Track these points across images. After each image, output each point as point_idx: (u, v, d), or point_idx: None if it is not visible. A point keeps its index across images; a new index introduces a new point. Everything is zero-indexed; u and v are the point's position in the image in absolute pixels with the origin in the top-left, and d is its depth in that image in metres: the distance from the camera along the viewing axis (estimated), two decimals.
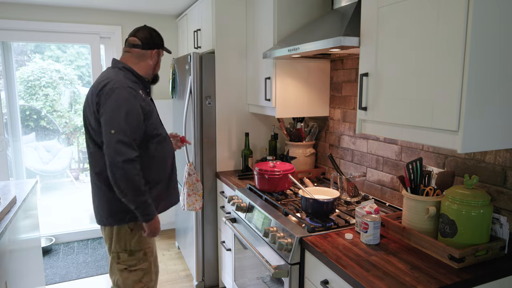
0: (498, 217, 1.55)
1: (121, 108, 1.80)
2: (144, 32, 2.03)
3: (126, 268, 2.02)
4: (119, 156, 1.76)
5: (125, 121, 1.79)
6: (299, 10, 2.49)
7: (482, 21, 1.20)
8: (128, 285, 2.02)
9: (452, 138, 1.29)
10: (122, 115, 1.79)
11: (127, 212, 1.94)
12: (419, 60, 1.39)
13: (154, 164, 1.99)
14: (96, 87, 1.87)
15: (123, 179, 1.77)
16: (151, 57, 2.05)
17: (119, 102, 1.81)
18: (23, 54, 5.52)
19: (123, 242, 1.99)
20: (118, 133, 1.77)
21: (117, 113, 1.79)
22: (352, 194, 2.23)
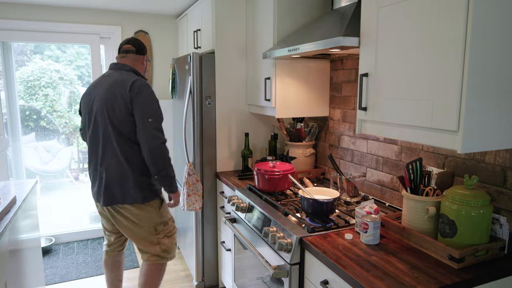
0: (498, 217, 1.56)
1: (153, 101, 2.27)
2: (136, 40, 2.46)
3: (165, 236, 2.50)
4: (158, 139, 2.24)
5: (158, 112, 2.27)
6: (299, 10, 2.49)
7: (482, 21, 1.20)
8: (171, 247, 2.54)
9: (452, 138, 1.29)
10: (155, 107, 2.26)
11: (154, 191, 2.40)
12: (419, 60, 1.40)
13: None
14: (122, 84, 2.24)
15: (161, 158, 2.25)
16: (142, 61, 2.47)
17: (152, 97, 2.27)
18: (23, 54, 5.52)
19: (156, 217, 2.43)
20: (154, 122, 2.23)
21: (151, 105, 2.25)
22: (352, 194, 2.23)
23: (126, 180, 2.30)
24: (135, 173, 2.31)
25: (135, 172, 2.31)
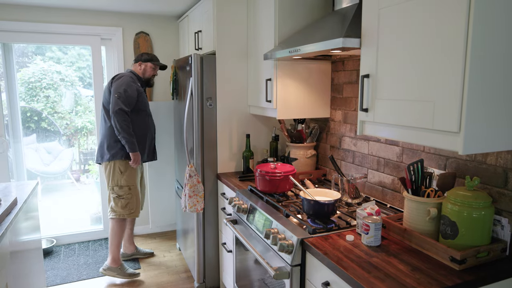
0: (500, 219, 1.55)
1: (123, 86, 3.14)
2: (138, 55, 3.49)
3: (117, 196, 3.29)
4: (117, 106, 3.07)
5: (124, 93, 3.12)
6: (300, 11, 2.49)
7: (484, 22, 1.20)
8: (118, 207, 3.30)
9: (453, 139, 1.29)
10: (123, 89, 3.13)
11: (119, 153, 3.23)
12: (420, 61, 1.39)
13: (138, 127, 3.26)
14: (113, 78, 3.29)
15: (119, 121, 3.07)
16: (138, 65, 3.42)
17: (124, 83, 3.16)
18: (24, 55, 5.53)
19: (116, 178, 3.27)
20: (119, 97, 3.10)
21: (120, 87, 3.13)
22: (353, 196, 2.22)
23: (106, 143, 3.25)
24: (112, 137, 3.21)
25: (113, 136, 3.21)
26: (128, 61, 4.04)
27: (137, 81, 3.31)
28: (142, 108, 3.29)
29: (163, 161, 4.10)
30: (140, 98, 3.25)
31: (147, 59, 3.38)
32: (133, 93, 3.16)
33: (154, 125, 3.53)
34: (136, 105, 3.22)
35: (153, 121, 3.51)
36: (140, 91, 3.26)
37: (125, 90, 3.11)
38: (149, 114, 3.43)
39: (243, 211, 2.33)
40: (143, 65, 3.37)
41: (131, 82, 3.19)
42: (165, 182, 4.22)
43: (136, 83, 3.25)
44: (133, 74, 3.33)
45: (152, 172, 4.15)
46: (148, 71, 3.39)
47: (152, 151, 3.48)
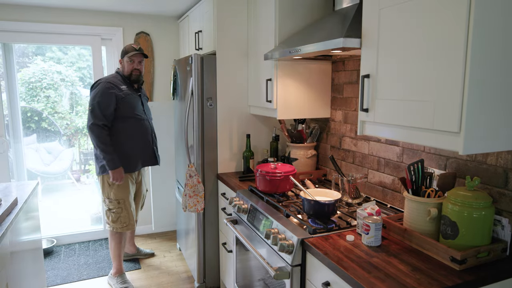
0: (500, 219, 1.55)
1: (97, 96, 2.93)
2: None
3: (108, 209, 3.14)
4: (89, 121, 2.92)
5: (97, 105, 2.92)
6: (300, 11, 2.49)
7: (484, 22, 1.20)
8: (110, 220, 3.15)
9: (453, 139, 1.29)
10: (96, 100, 2.92)
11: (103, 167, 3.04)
12: (420, 61, 1.39)
13: (126, 136, 3.04)
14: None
15: (92, 136, 2.92)
16: (120, 64, 3.17)
17: (98, 92, 2.94)
18: (25, 55, 5.53)
19: (106, 191, 3.11)
20: (92, 110, 2.92)
21: (94, 98, 2.94)
22: (353, 196, 2.22)
23: (94, 155, 3.15)
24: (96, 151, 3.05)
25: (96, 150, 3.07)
26: None
27: (122, 83, 3.05)
28: (128, 115, 3.03)
29: (163, 161, 4.10)
30: (123, 104, 2.99)
31: (122, 53, 3.10)
32: (109, 101, 2.92)
33: (152, 128, 3.28)
34: (119, 113, 2.98)
35: (150, 124, 3.26)
36: (121, 96, 2.98)
37: (98, 102, 2.90)
38: (142, 117, 3.14)
39: (244, 211, 2.33)
40: (121, 62, 3.11)
41: (108, 89, 2.93)
42: (166, 182, 4.22)
43: (118, 87, 2.99)
44: (118, 75, 3.11)
45: (152, 172, 4.15)
46: (126, 67, 3.08)
47: (150, 157, 3.26)
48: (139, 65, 3.09)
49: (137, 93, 3.15)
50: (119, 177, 2.99)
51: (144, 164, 3.23)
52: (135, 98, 3.09)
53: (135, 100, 3.09)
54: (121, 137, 3.01)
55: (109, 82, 2.96)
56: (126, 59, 3.05)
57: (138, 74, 3.10)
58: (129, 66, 3.05)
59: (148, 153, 3.22)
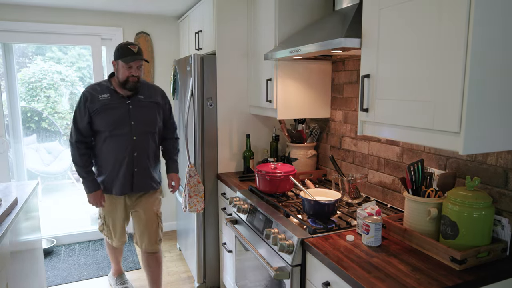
0: (500, 219, 1.55)
1: (76, 108, 2.57)
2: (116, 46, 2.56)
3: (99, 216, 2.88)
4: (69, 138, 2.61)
5: (73, 118, 2.58)
6: (300, 11, 2.49)
7: (484, 22, 1.20)
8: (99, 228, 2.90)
9: (453, 139, 1.29)
10: (74, 112, 2.57)
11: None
12: (420, 61, 1.39)
13: (102, 153, 2.60)
14: None
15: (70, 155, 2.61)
16: (113, 67, 2.57)
17: (76, 104, 2.58)
18: (24, 56, 5.53)
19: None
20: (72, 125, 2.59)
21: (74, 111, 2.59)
22: (353, 196, 2.22)
23: None
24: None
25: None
26: None
27: (105, 91, 2.55)
28: (100, 129, 2.53)
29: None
30: (96, 117, 2.51)
31: (116, 54, 2.50)
32: (82, 115, 2.51)
33: (139, 145, 2.60)
34: (94, 127, 2.54)
35: (135, 140, 2.57)
36: (93, 108, 2.50)
37: (74, 116, 2.56)
38: (119, 133, 2.53)
39: (244, 211, 2.33)
40: (116, 65, 2.52)
41: (84, 102, 2.51)
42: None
43: (95, 98, 2.51)
44: (106, 81, 2.62)
45: None
46: (120, 71, 2.49)
47: (124, 183, 2.60)
48: (137, 71, 2.50)
49: (126, 101, 2.55)
50: (94, 201, 2.65)
51: (119, 190, 2.62)
52: (116, 109, 2.53)
53: (116, 111, 2.53)
54: (99, 155, 2.62)
55: (87, 92, 2.54)
56: (121, 63, 2.46)
57: (135, 81, 2.51)
58: (125, 72, 2.47)
59: (121, 178, 2.59)
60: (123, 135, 2.54)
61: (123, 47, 2.48)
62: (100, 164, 2.62)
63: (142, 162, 2.62)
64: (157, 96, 2.70)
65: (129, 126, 2.55)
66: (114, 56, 2.52)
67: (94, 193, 2.62)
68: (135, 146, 2.58)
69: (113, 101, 2.53)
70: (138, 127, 2.58)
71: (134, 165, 2.60)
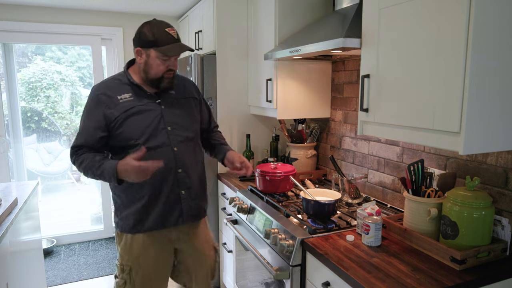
0: (500, 219, 1.55)
1: (83, 113, 1.85)
2: (140, 25, 1.83)
3: (115, 275, 1.95)
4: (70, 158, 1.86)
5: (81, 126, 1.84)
6: (300, 11, 2.49)
7: (484, 22, 1.20)
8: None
9: (453, 139, 1.29)
10: (82, 119, 1.85)
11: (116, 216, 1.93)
12: (420, 61, 1.39)
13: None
14: None
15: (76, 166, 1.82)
16: (136, 56, 1.84)
17: (84, 108, 1.86)
18: (24, 55, 5.53)
19: (117, 247, 1.96)
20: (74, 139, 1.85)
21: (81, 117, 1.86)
22: (353, 196, 2.22)
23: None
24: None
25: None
26: None
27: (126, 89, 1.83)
28: (127, 143, 1.78)
29: None
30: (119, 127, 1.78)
31: (145, 41, 1.77)
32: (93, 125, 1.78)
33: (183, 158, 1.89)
34: (114, 141, 1.82)
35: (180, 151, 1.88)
36: (113, 116, 1.77)
37: (81, 126, 1.83)
38: (155, 145, 1.81)
39: (243, 211, 2.33)
40: (143, 55, 1.79)
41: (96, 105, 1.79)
42: None
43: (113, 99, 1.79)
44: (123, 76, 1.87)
45: None
46: (153, 65, 1.79)
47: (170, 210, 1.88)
48: (175, 64, 1.85)
49: (156, 100, 1.86)
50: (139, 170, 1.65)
51: (162, 223, 1.87)
52: (144, 113, 1.81)
53: (144, 115, 1.81)
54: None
55: (101, 93, 1.80)
56: (155, 54, 1.77)
57: (172, 78, 1.85)
58: (161, 66, 1.79)
59: (162, 206, 1.85)
60: (159, 147, 1.81)
61: (160, 31, 1.76)
62: (129, 192, 1.83)
63: (188, 179, 1.90)
64: (191, 89, 2.04)
65: (165, 134, 1.83)
66: (141, 42, 1.78)
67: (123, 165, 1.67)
68: (178, 160, 1.86)
69: (139, 102, 1.81)
70: (177, 134, 1.87)
71: (180, 186, 1.88)
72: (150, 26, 1.79)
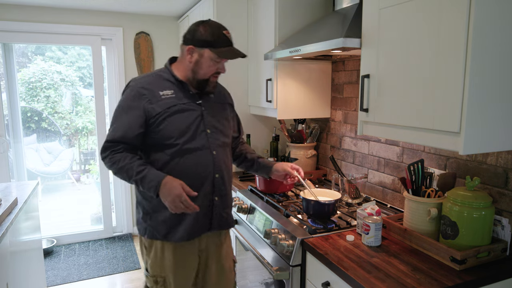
0: (500, 219, 1.55)
1: (119, 107, 1.72)
2: (194, 25, 1.75)
3: (145, 286, 1.87)
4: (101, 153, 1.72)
5: (116, 121, 1.71)
6: (300, 11, 2.49)
7: (484, 22, 1.20)
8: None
9: (453, 139, 1.29)
10: (116, 114, 1.73)
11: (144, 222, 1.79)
12: (420, 61, 1.39)
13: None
14: None
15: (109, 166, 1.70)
16: (186, 55, 1.74)
17: (122, 102, 1.73)
18: (24, 55, 5.53)
19: (145, 258, 1.85)
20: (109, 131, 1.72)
21: (115, 111, 1.73)
22: (353, 196, 2.22)
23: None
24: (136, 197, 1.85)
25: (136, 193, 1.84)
26: (128, 61, 4.03)
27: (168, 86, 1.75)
28: (166, 142, 1.70)
29: None
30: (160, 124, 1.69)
31: (204, 40, 1.70)
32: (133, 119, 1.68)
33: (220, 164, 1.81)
34: (151, 139, 1.72)
35: (217, 156, 1.80)
36: (155, 111, 1.68)
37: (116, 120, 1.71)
38: (195, 147, 1.73)
39: (244, 211, 2.33)
40: (195, 54, 1.72)
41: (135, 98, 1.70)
42: None
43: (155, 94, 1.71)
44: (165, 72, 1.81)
45: None
46: (204, 65, 1.73)
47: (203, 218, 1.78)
48: (224, 67, 1.82)
49: (196, 101, 1.79)
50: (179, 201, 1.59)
51: (194, 231, 1.77)
52: (186, 112, 1.74)
53: (186, 115, 1.74)
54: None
55: (141, 87, 1.71)
56: (209, 54, 1.72)
57: (216, 81, 1.84)
58: (212, 68, 1.75)
59: (200, 210, 1.72)
60: (199, 150, 1.74)
61: (218, 32, 1.73)
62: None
63: (223, 186, 1.83)
64: (226, 95, 2.00)
65: (204, 136, 1.76)
66: (196, 40, 1.71)
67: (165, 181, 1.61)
68: (216, 164, 1.78)
69: (180, 100, 1.74)
70: (215, 138, 1.80)
71: (215, 192, 1.80)
72: (208, 26, 1.72)
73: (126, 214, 4.25)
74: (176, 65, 1.82)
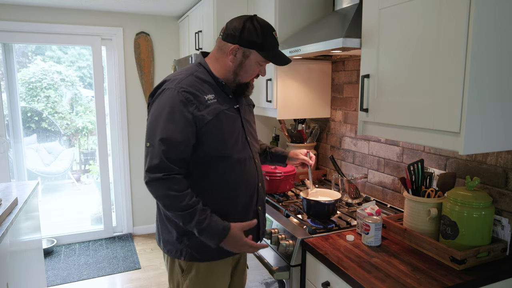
0: (500, 219, 1.55)
1: (160, 117, 1.42)
2: (240, 21, 1.51)
3: None
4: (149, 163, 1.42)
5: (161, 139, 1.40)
6: (300, 11, 2.49)
7: (484, 22, 1.20)
8: None
9: (453, 139, 1.29)
10: (160, 125, 1.41)
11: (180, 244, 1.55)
12: (420, 61, 1.39)
13: (214, 194, 1.52)
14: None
15: (157, 197, 1.44)
16: (228, 54, 1.52)
17: (161, 109, 1.44)
18: (24, 55, 5.53)
19: (179, 280, 1.64)
20: (150, 148, 1.42)
21: (155, 122, 1.43)
22: (353, 196, 2.22)
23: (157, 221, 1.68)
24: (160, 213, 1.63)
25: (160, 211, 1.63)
26: (128, 61, 4.03)
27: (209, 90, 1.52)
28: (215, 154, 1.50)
29: None
30: (208, 133, 1.47)
31: (253, 41, 1.49)
32: (185, 134, 1.42)
33: (260, 171, 1.70)
34: (199, 151, 1.48)
35: (259, 164, 1.71)
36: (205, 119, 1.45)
37: (162, 138, 1.40)
38: (243, 156, 1.58)
39: None
40: (240, 54, 1.52)
41: (183, 105, 1.42)
42: None
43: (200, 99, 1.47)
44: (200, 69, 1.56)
45: None
46: (247, 67, 1.55)
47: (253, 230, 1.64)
48: (265, 71, 1.63)
49: (234, 105, 1.60)
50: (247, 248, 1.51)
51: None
52: (232, 119, 1.57)
53: (231, 120, 1.56)
54: (209, 197, 1.51)
55: (186, 91, 1.45)
56: (257, 57, 1.53)
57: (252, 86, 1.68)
58: (255, 71, 1.58)
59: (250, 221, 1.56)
60: (247, 160, 1.59)
61: (268, 33, 1.51)
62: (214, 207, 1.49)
63: (264, 195, 1.72)
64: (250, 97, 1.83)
65: (247, 144, 1.62)
66: (243, 40, 1.49)
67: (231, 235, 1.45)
68: (259, 173, 1.67)
69: (223, 106, 1.54)
70: (253, 145, 1.68)
71: (258, 202, 1.67)
72: (257, 24, 1.49)
73: (126, 214, 4.25)
74: (212, 63, 1.58)
